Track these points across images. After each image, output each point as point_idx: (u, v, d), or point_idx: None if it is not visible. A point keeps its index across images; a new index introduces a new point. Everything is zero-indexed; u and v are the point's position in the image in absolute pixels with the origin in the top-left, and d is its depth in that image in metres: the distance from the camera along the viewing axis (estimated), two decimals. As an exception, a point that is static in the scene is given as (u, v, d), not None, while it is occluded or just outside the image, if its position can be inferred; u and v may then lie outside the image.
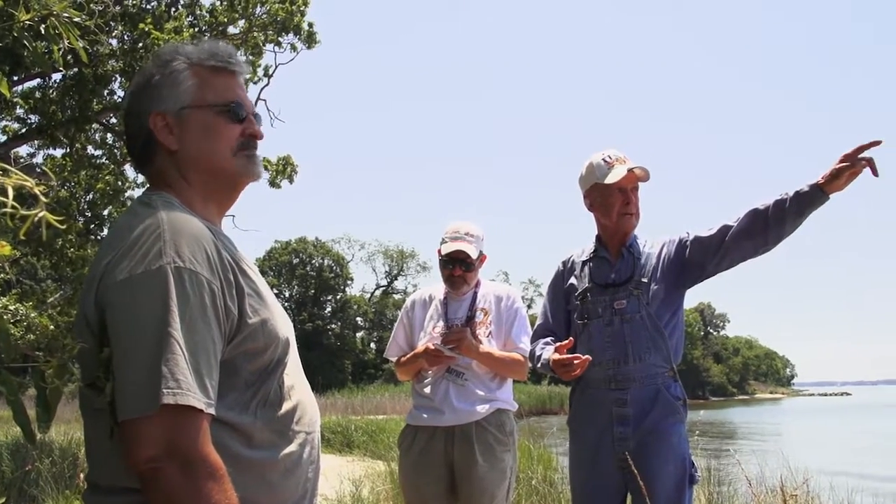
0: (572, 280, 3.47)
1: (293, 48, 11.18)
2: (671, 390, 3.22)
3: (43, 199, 1.23)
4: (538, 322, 3.64)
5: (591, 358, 3.13)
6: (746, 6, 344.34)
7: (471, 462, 3.68)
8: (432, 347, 3.77)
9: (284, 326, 1.66)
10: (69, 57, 7.25)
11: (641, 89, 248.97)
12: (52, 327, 9.72)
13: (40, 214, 1.24)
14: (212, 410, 1.42)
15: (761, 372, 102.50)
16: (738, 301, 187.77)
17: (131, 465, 1.37)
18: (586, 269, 3.44)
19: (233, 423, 1.52)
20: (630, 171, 3.28)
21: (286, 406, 1.63)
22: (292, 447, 1.62)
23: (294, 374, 1.69)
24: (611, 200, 3.33)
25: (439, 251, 3.93)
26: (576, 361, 3.11)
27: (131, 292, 1.42)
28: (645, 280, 3.27)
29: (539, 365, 3.40)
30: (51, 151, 11.06)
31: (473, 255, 3.85)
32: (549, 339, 3.48)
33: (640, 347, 3.21)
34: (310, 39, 11.10)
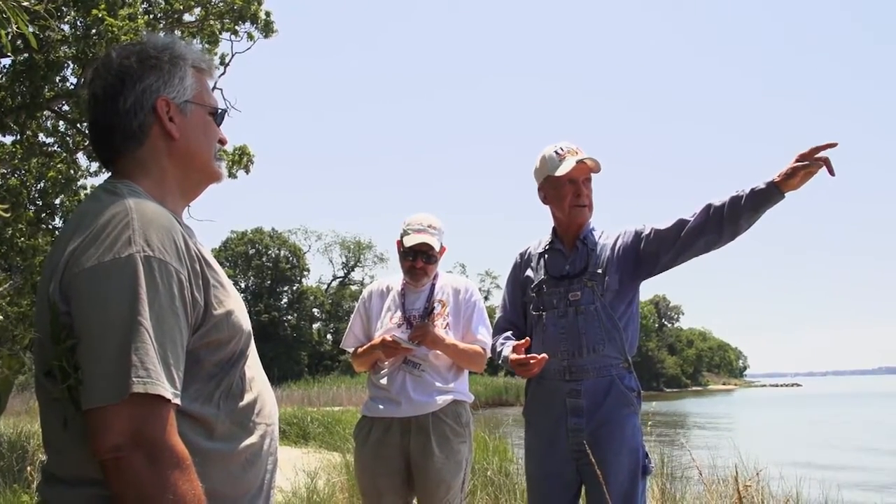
0: (528, 272, 3.48)
1: (250, 37, 11.03)
2: (625, 382, 3.23)
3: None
4: (499, 314, 3.66)
5: (547, 356, 3.14)
6: None
7: (427, 453, 3.69)
8: (389, 339, 3.77)
9: (245, 318, 1.67)
10: (19, 42, 7.10)
11: (603, 79, 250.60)
12: (0, 318, 9.54)
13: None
14: (178, 401, 1.42)
15: (714, 363, 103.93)
16: (692, 293, 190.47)
17: (95, 453, 1.35)
18: (542, 261, 3.45)
19: (195, 415, 1.52)
20: (580, 162, 3.28)
21: (248, 398, 1.63)
22: (253, 439, 1.63)
23: (254, 367, 1.70)
24: (563, 192, 3.34)
25: (400, 242, 3.92)
26: (532, 361, 3.13)
27: (100, 280, 1.41)
28: (599, 271, 3.27)
29: (500, 360, 3.41)
30: (0, 138, 10.82)
31: (436, 247, 3.86)
32: (509, 334, 3.49)
33: (593, 339, 3.22)
34: (267, 28, 10.97)
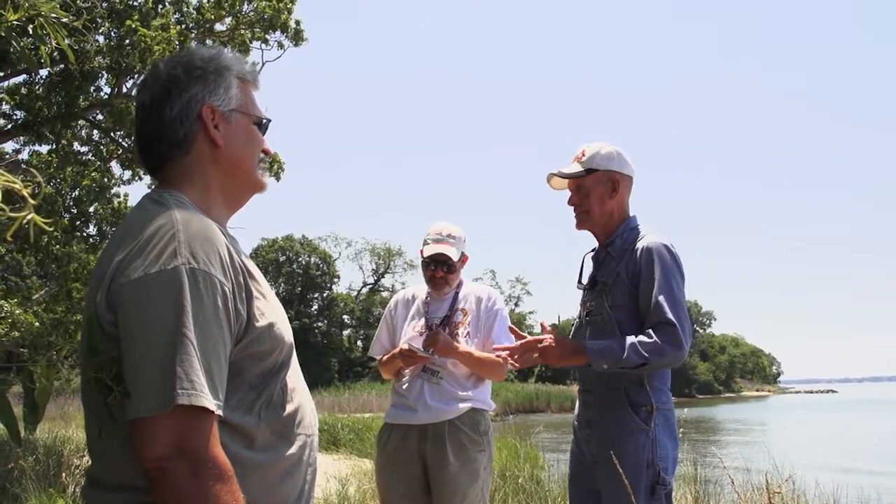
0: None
1: (280, 46, 11.13)
2: (632, 397, 3.05)
3: (31, 200, 1.23)
4: None
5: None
6: None
7: (443, 461, 3.70)
8: (406, 348, 3.81)
9: (287, 329, 1.68)
10: (55, 54, 7.22)
11: (636, 82, 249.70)
12: (36, 324, 9.68)
13: (28, 217, 1.24)
14: (220, 412, 1.43)
15: (748, 370, 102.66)
16: (724, 299, 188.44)
17: (140, 463, 1.37)
18: (583, 268, 3.39)
19: (235, 425, 1.53)
20: (552, 175, 3.22)
21: (289, 408, 1.65)
22: (293, 449, 1.64)
23: (295, 377, 1.71)
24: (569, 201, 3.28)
25: (422, 252, 3.98)
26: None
27: (145, 291, 1.43)
28: (609, 282, 3.14)
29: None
30: (37, 148, 11.00)
31: (455, 256, 3.89)
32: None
33: None
34: (297, 37, 11.06)
